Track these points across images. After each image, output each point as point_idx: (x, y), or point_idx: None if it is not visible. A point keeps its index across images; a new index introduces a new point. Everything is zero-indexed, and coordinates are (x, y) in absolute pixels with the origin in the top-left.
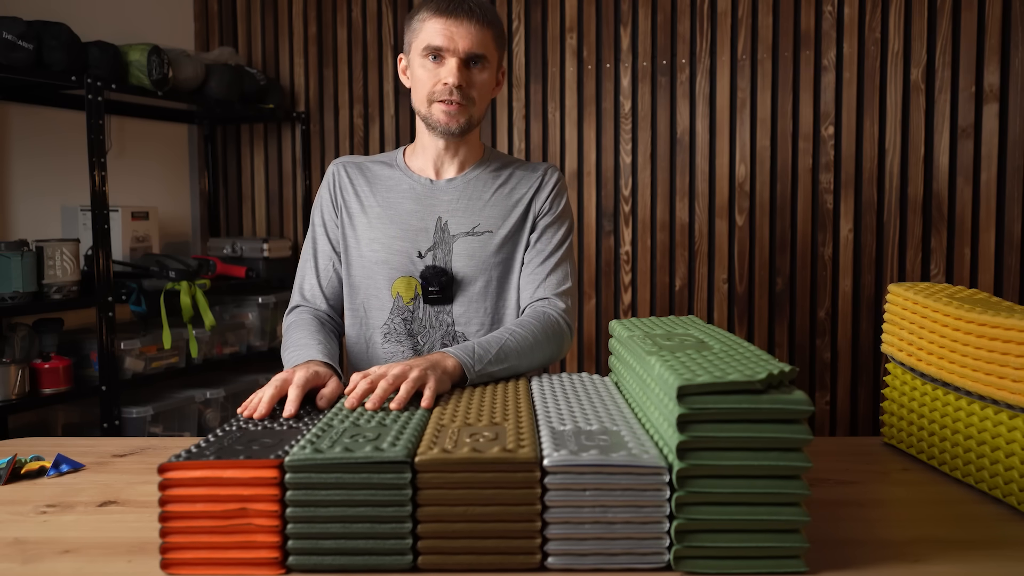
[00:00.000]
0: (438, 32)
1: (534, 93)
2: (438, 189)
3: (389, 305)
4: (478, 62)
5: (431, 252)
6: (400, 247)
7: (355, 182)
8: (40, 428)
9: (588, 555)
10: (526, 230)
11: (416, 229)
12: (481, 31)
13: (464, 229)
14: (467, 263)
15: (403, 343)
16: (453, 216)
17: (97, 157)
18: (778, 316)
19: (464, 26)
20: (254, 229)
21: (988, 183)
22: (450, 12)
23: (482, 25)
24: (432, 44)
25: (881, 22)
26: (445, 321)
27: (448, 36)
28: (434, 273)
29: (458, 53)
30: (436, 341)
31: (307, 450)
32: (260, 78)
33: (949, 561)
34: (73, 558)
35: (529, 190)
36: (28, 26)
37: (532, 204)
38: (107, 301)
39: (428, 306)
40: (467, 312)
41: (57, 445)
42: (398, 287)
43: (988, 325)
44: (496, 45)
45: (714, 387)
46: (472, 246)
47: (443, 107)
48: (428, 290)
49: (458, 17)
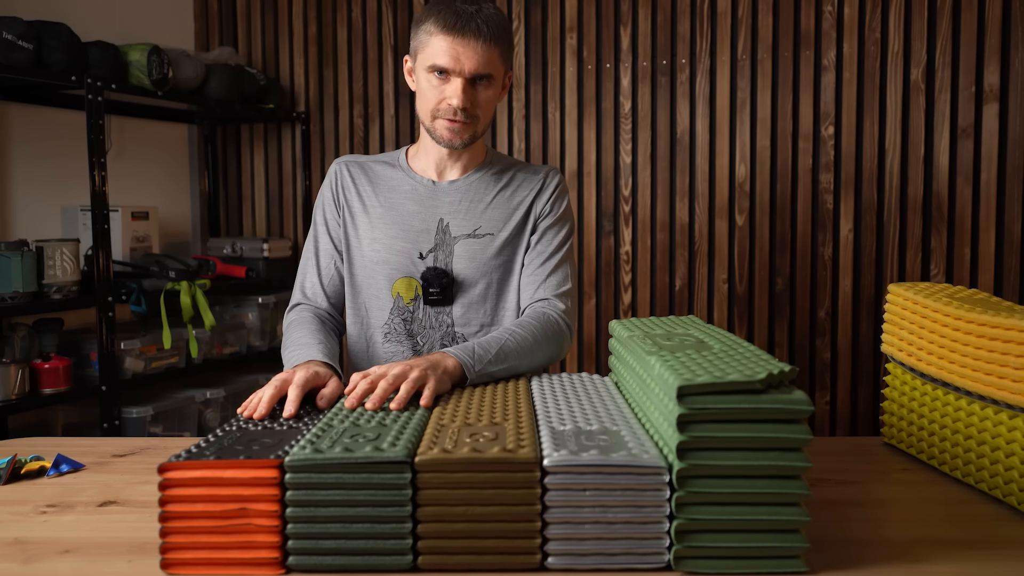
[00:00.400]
0: (444, 51)
1: (534, 93)
2: (440, 191)
3: (389, 305)
4: (483, 79)
5: (432, 253)
6: (401, 248)
7: (357, 181)
8: (40, 428)
9: (588, 555)
10: (527, 233)
11: (418, 230)
12: (488, 50)
13: (465, 231)
14: (468, 265)
15: (403, 343)
16: (455, 218)
17: (97, 157)
18: (778, 316)
19: (471, 46)
20: (254, 229)
21: (988, 183)
22: (458, 30)
23: (489, 44)
24: (437, 64)
25: (881, 22)
26: (445, 322)
27: (454, 57)
28: (435, 275)
29: (464, 74)
30: (436, 342)
31: (307, 450)
32: (260, 78)
33: (949, 561)
34: (73, 558)
35: (530, 193)
36: (28, 26)
37: (533, 207)
38: (107, 301)
39: (428, 307)
40: (467, 314)
41: (57, 445)
42: (399, 287)
43: (988, 325)
44: (503, 61)
45: (714, 387)
46: (473, 248)
47: (447, 124)
48: (429, 291)
49: (465, 36)
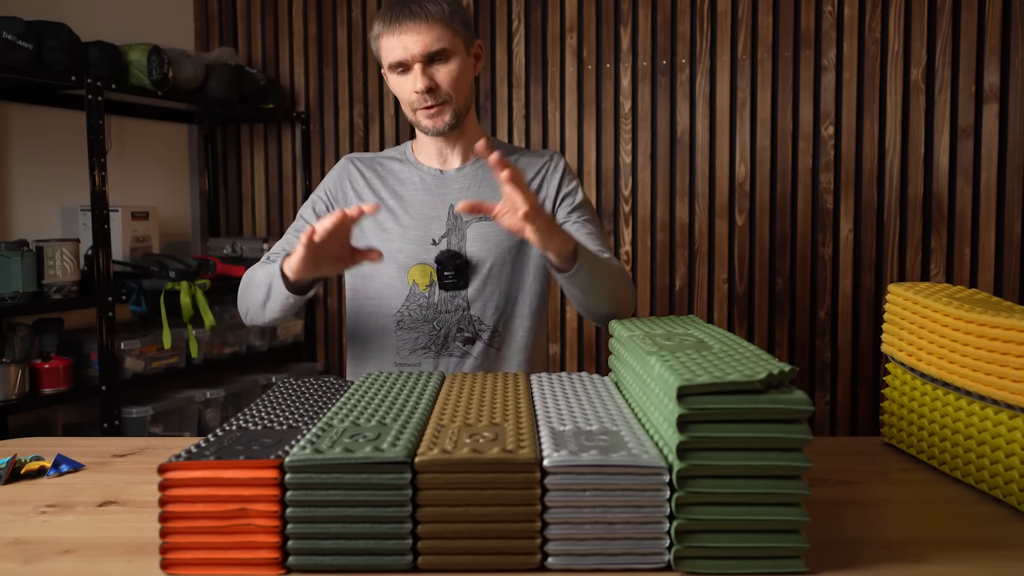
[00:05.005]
0: (391, 47)
1: (534, 93)
2: (448, 179)
3: (405, 292)
4: (439, 57)
5: (445, 239)
6: (414, 236)
7: (366, 176)
8: (40, 428)
9: (588, 555)
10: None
11: (429, 218)
12: (430, 27)
13: (476, 215)
14: (481, 247)
15: (418, 329)
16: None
17: (97, 157)
18: (778, 316)
19: (411, 31)
20: (254, 229)
21: (988, 183)
22: (395, 22)
23: (430, 22)
24: (391, 61)
25: (881, 22)
26: (460, 306)
27: (401, 47)
28: (448, 257)
29: (416, 59)
30: (452, 326)
31: (307, 450)
32: (260, 78)
33: (949, 561)
34: (73, 558)
35: (539, 174)
36: (28, 26)
37: (544, 188)
38: (107, 301)
39: (443, 291)
40: (482, 296)
41: (57, 445)
42: (414, 275)
43: (988, 325)
44: (455, 32)
45: (714, 387)
46: (486, 231)
47: (424, 112)
48: (443, 274)
49: (403, 24)
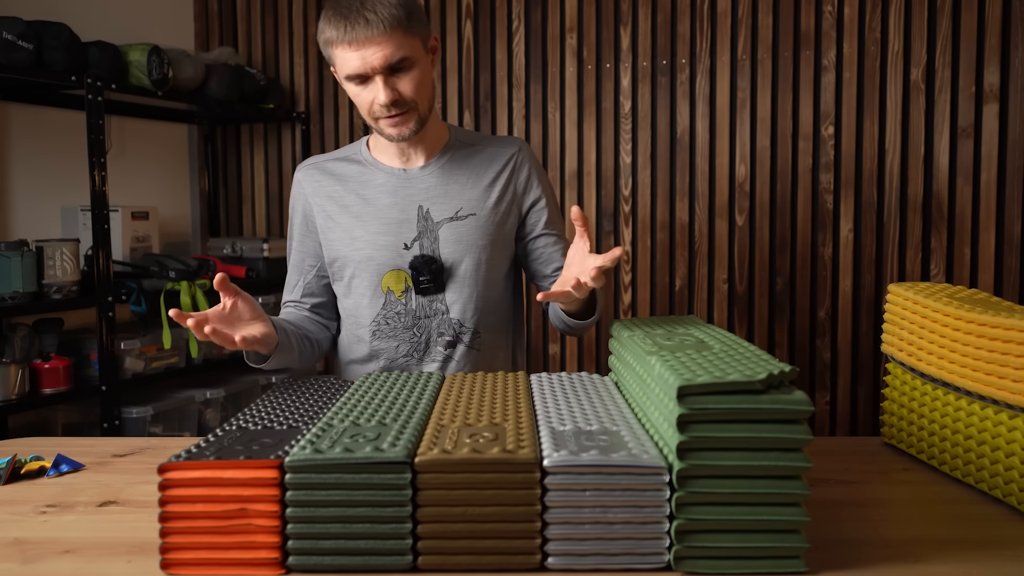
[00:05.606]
0: (348, 60)
1: (534, 93)
2: (413, 177)
3: (381, 301)
4: (402, 65)
5: (417, 242)
6: (385, 242)
7: (323, 184)
8: (40, 428)
9: (588, 555)
10: (511, 209)
11: (398, 221)
12: (388, 37)
13: (447, 215)
14: (455, 248)
15: (398, 336)
16: (434, 203)
17: (97, 157)
18: (778, 316)
19: (370, 42)
20: (254, 229)
21: (988, 183)
22: (350, 34)
23: (387, 31)
24: (349, 73)
25: (881, 22)
26: (439, 309)
27: (360, 59)
28: (423, 262)
29: (377, 71)
30: (432, 330)
31: (307, 450)
32: (260, 78)
33: (949, 561)
34: (73, 558)
35: (505, 169)
36: (28, 26)
37: (512, 184)
38: (107, 301)
39: (420, 296)
40: (460, 297)
41: (57, 445)
42: (388, 282)
43: (988, 325)
44: (412, 35)
45: (714, 387)
46: (459, 231)
47: (388, 121)
48: (419, 280)
49: (358, 36)
